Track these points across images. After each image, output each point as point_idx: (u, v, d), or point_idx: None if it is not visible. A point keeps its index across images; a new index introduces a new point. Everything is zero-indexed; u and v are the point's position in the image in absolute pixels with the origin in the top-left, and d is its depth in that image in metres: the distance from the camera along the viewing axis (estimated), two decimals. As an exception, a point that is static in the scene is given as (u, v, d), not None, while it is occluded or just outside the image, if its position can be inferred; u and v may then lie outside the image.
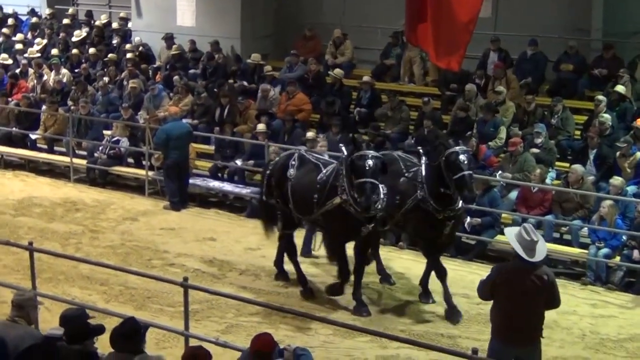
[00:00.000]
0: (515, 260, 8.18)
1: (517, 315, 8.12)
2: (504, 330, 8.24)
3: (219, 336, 10.10)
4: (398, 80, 18.92)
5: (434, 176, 11.08)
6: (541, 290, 8.12)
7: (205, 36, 20.30)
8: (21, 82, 20.54)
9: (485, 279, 8.40)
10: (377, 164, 10.61)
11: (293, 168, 11.76)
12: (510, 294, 8.13)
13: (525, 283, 8.07)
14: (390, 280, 12.41)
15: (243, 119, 17.46)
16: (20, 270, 12.31)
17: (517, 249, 8.09)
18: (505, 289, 8.17)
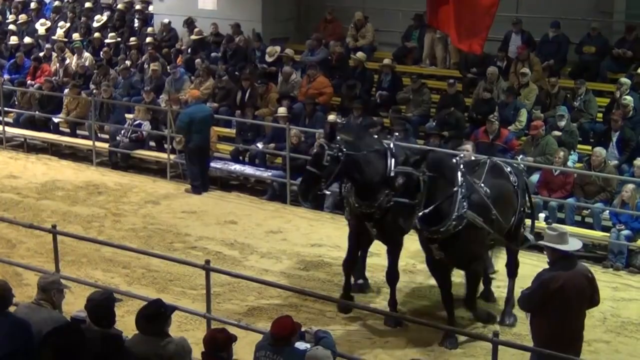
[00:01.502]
0: (558, 264, 7.83)
1: (569, 321, 7.85)
2: (554, 341, 7.74)
3: (240, 319, 10.18)
4: (419, 63, 18.87)
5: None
6: (588, 289, 7.91)
7: (227, 19, 20.30)
8: (44, 66, 20.64)
9: (531, 291, 7.92)
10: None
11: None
12: (566, 301, 7.76)
13: (580, 285, 7.80)
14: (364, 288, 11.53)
15: (264, 102, 17.48)
16: (44, 253, 12.43)
17: (552, 246, 7.80)
18: (560, 296, 7.73)
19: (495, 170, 10.33)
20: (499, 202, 9.90)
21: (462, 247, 9.67)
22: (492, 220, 9.76)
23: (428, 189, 9.23)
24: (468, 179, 9.69)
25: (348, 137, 10.23)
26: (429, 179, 9.21)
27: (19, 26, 23.26)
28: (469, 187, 9.64)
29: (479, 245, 9.96)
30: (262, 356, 7.07)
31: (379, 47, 19.74)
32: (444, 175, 9.45)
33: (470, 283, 10.26)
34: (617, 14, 17.76)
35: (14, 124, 19.38)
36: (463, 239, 9.59)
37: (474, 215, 9.53)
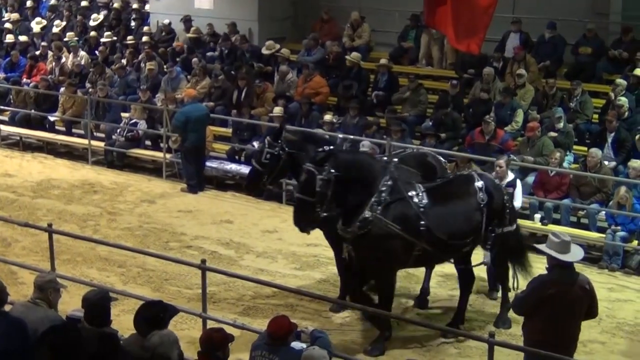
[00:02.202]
0: (555, 271, 7.76)
1: (561, 329, 7.74)
2: (545, 346, 7.60)
3: (236, 318, 10.18)
4: (416, 63, 18.86)
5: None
6: (585, 300, 7.80)
7: (223, 18, 20.29)
8: (40, 64, 20.61)
9: (525, 295, 7.91)
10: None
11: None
12: (556, 309, 7.66)
13: (572, 296, 7.69)
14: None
15: (260, 101, 17.47)
16: (39, 252, 12.43)
17: (551, 253, 7.71)
18: (551, 304, 7.66)
19: (459, 183, 10.11)
20: (443, 216, 9.69)
21: (368, 251, 9.60)
22: (420, 232, 9.53)
23: (334, 188, 9.27)
24: (399, 185, 9.58)
25: (292, 137, 10.59)
26: (335, 179, 9.25)
27: (13, 24, 23.20)
28: (395, 193, 9.54)
29: (390, 253, 9.63)
30: (258, 356, 7.07)
31: (375, 47, 19.73)
32: (356, 176, 9.49)
33: (379, 297, 9.97)
34: (613, 15, 17.77)
35: (10, 123, 19.36)
36: (370, 243, 9.50)
37: (386, 221, 9.42)
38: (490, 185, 10.11)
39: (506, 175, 11.49)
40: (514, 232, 10.46)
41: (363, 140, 14.23)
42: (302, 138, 10.81)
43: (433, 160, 10.75)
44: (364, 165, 9.73)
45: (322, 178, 9.25)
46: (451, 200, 9.86)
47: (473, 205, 9.87)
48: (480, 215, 9.86)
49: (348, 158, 9.80)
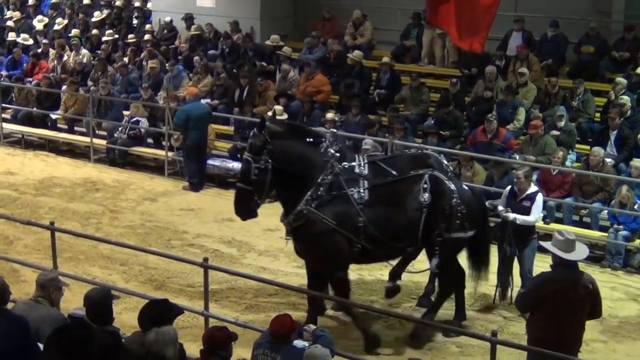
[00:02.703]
0: (558, 269, 7.79)
1: (562, 327, 7.73)
2: (547, 344, 7.65)
3: (238, 317, 10.18)
4: (418, 61, 18.85)
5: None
6: (587, 300, 7.77)
7: (225, 17, 20.28)
8: (42, 62, 20.60)
9: (527, 291, 7.96)
10: None
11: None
12: (557, 307, 7.68)
13: (574, 294, 7.69)
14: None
15: (262, 100, 17.46)
16: (41, 249, 12.44)
17: (555, 251, 7.74)
18: (551, 301, 7.69)
19: (408, 182, 9.83)
20: (382, 214, 9.60)
21: (306, 244, 9.75)
22: (358, 229, 9.50)
23: (271, 178, 9.43)
24: (340, 181, 9.54)
25: (277, 128, 9.95)
26: (272, 168, 9.40)
27: (16, 23, 23.20)
28: (334, 189, 9.53)
29: (328, 247, 9.59)
30: (261, 354, 7.07)
31: (377, 45, 19.69)
32: (294, 168, 9.54)
33: (335, 292, 10.00)
34: (615, 14, 17.76)
35: (12, 120, 19.35)
36: (305, 237, 9.64)
37: (320, 215, 9.43)
38: (438, 187, 9.72)
39: (527, 187, 11.01)
40: (474, 239, 10.04)
41: (365, 139, 14.24)
42: (288, 130, 10.15)
43: (434, 162, 10.45)
44: (303, 158, 9.66)
45: (257, 167, 9.40)
46: (394, 199, 9.70)
47: (414, 205, 9.65)
48: (420, 216, 9.63)
49: (286, 149, 9.64)
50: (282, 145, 9.63)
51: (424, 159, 10.45)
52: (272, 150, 9.45)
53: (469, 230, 9.89)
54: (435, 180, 9.77)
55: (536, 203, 10.97)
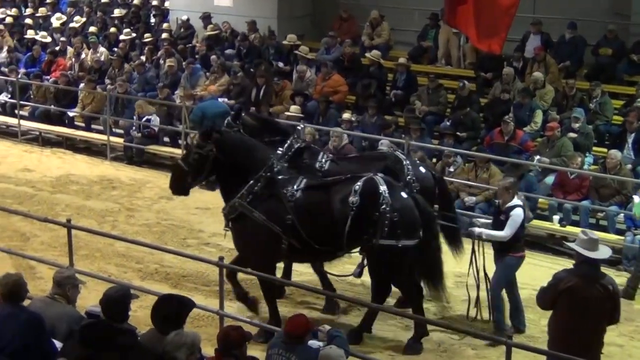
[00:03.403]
0: (580, 266, 7.75)
1: (579, 327, 7.68)
2: (563, 344, 7.67)
3: (253, 316, 10.18)
4: (435, 62, 18.82)
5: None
6: (605, 300, 7.69)
7: (243, 16, 20.32)
8: (59, 60, 20.68)
9: (546, 287, 7.88)
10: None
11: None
12: (573, 303, 7.63)
13: (591, 291, 7.62)
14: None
15: (279, 99, 17.48)
16: (58, 247, 12.49)
17: (577, 249, 7.71)
18: (568, 297, 7.65)
19: (344, 183, 9.67)
20: (310, 214, 9.57)
21: (236, 237, 9.97)
22: (286, 226, 9.54)
23: (210, 165, 9.71)
24: (276, 178, 9.69)
25: (251, 122, 10.76)
26: (213, 157, 9.63)
27: (36, 20, 23.31)
28: (270, 186, 9.68)
29: (256, 240, 9.74)
30: (275, 354, 7.06)
31: (394, 46, 19.70)
32: (236, 161, 9.73)
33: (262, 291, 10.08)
34: (634, 16, 17.66)
35: (29, 118, 19.44)
36: (238, 229, 9.87)
37: (250, 208, 9.61)
38: (369, 191, 9.41)
39: (507, 200, 10.12)
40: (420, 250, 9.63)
41: (382, 139, 14.25)
42: (261, 124, 10.89)
43: (394, 164, 10.45)
44: (247, 153, 9.84)
45: (198, 152, 9.70)
46: (325, 200, 9.60)
47: (341, 208, 9.45)
48: (345, 220, 9.40)
49: (232, 141, 9.92)
50: (230, 138, 9.99)
51: (382, 159, 10.58)
52: (219, 140, 9.70)
53: (404, 239, 9.38)
54: (369, 184, 9.48)
55: (511, 218, 9.97)
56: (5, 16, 23.72)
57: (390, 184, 9.54)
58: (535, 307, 10.62)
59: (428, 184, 10.58)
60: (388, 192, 9.35)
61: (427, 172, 10.81)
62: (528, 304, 11.11)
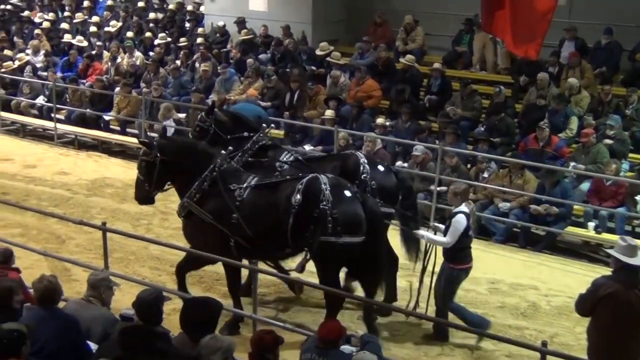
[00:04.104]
0: (619, 273, 7.67)
1: (619, 333, 7.61)
2: (604, 351, 7.63)
3: (286, 320, 10.19)
4: (469, 67, 18.75)
5: None
6: None
7: (277, 21, 20.40)
8: (95, 64, 20.88)
9: (585, 294, 7.80)
10: None
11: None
12: (613, 309, 7.55)
13: (630, 297, 7.55)
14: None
15: (313, 104, 17.50)
16: (92, 249, 12.58)
17: (617, 256, 7.63)
18: (608, 304, 7.57)
19: (290, 182, 9.76)
20: (255, 212, 9.69)
21: (187, 235, 10.34)
22: (232, 225, 9.72)
23: (160, 170, 10.05)
24: (223, 177, 9.88)
25: (223, 117, 11.27)
26: (160, 162, 9.98)
27: (74, 24, 23.53)
28: (216, 184, 9.86)
29: (204, 238, 10.02)
30: (308, 359, 7.08)
31: (428, 51, 19.67)
32: (182, 163, 10.03)
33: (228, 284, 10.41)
34: (671, 21, 17.51)
35: (66, 121, 19.63)
36: (188, 229, 10.26)
37: (197, 207, 9.90)
38: (312, 190, 9.48)
39: (456, 204, 9.97)
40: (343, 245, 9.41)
41: (416, 145, 14.22)
42: (231, 120, 11.30)
43: (353, 164, 10.61)
44: (191, 154, 10.12)
45: (144, 159, 10.13)
46: (271, 198, 9.69)
47: (284, 206, 9.52)
48: (288, 218, 9.46)
49: (174, 145, 10.27)
50: (172, 141, 10.53)
51: (340, 160, 10.83)
52: (162, 146, 10.07)
53: (344, 236, 9.37)
54: (312, 183, 9.55)
55: (452, 225, 9.77)
56: (43, 20, 23.99)
57: (334, 182, 9.59)
58: (570, 315, 10.64)
59: (387, 183, 10.59)
60: (330, 190, 9.42)
61: (386, 171, 10.78)
62: (562, 311, 11.08)
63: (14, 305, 7.18)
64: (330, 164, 10.65)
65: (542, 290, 11.68)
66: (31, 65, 21.35)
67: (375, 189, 10.35)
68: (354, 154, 11.03)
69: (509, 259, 13.09)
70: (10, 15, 25.80)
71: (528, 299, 11.37)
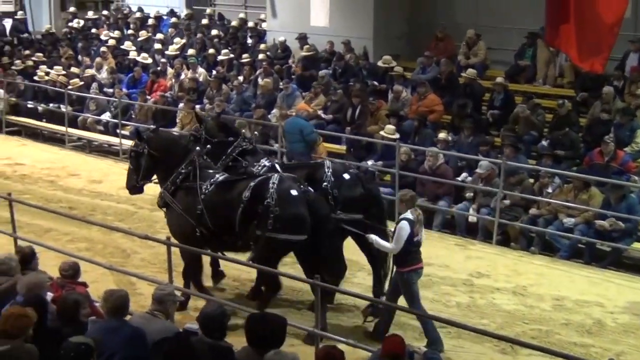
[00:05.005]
0: None
1: None
2: None
3: (348, 335, 10.17)
4: (532, 81, 18.56)
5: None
6: None
7: (338, 36, 20.47)
8: (160, 81, 21.17)
9: None
10: None
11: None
12: None
13: None
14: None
15: (374, 119, 17.51)
16: (157, 263, 12.73)
17: None
18: None
19: (247, 179, 10.59)
20: (215, 206, 10.50)
21: (167, 221, 11.20)
22: (197, 215, 10.54)
23: (147, 162, 11.07)
24: (196, 172, 10.69)
25: (212, 124, 12.04)
26: (147, 154, 11.00)
27: (138, 42, 23.92)
28: (189, 178, 10.75)
29: (178, 228, 10.91)
30: (372, 374, 7.07)
31: (491, 65, 19.53)
32: (164, 156, 11.02)
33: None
34: None
35: (131, 137, 19.87)
36: (167, 217, 11.19)
37: (170, 198, 10.88)
38: (260, 188, 10.24)
39: (402, 211, 10.22)
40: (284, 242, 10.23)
41: (480, 160, 14.14)
42: (218, 125, 12.07)
43: (315, 171, 11.22)
44: (171, 149, 11.13)
45: (134, 150, 11.27)
46: (229, 194, 10.49)
47: (236, 202, 10.31)
48: (236, 212, 10.26)
49: (160, 138, 11.29)
50: (159, 137, 11.39)
51: (309, 167, 11.52)
52: (150, 138, 11.15)
53: (286, 233, 10.11)
54: (262, 181, 10.35)
55: (396, 231, 10.00)
56: (108, 38, 24.43)
57: (282, 182, 10.27)
58: (636, 333, 10.48)
59: (351, 193, 10.95)
60: (276, 189, 10.14)
61: (351, 180, 11.12)
62: (628, 329, 10.90)
63: (81, 319, 7.30)
64: (300, 172, 11.22)
65: (607, 307, 11.50)
66: (97, 82, 21.75)
67: (337, 197, 10.82)
68: (323, 162, 11.70)
69: (574, 275, 12.92)
70: (76, 34, 26.35)
71: (593, 316, 11.21)
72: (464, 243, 14.36)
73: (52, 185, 17.18)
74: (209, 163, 11.13)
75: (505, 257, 13.71)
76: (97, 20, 27.64)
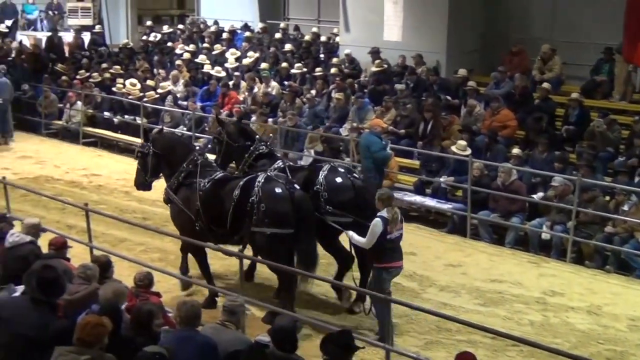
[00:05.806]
0: None
1: None
2: None
3: (418, 352, 10.13)
4: (609, 97, 18.25)
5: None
6: None
7: (411, 50, 20.44)
8: (232, 93, 21.35)
9: None
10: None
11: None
12: None
13: None
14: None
15: (447, 134, 17.41)
16: (228, 275, 12.83)
17: None
18: None
19: (238, 179, 11.44)
20: (210, 202, 11.33)
21: (171, 215, 12.09)
22: (196, 211, 11.41)
23: (152, 161, 11.98)
24: (197, 171, 11.60)
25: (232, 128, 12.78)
26: (153, 154, 11.94)
27: (213, 56, 24.21)
28: (190, 176, 11.63)
29: (180, 222, 11.90)
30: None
31: (566, 80, 19.26)
32: (168, 156, 11.94)
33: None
34: None
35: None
36: (170, 212, 12.07)
37: (172, 194, 11.76)
38: (248, 185, 11.00)
39: (379, 209, 10.53)
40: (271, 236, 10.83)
41: (554, 176, 13.95)
42: (237, 129, 12.73)
43: (311, 174, 11.85)
44: (175, 149, 12.00)
45: (139, 150, 12.28)
46: (223, 192, 11.27)
47: (228, 199, 11.10)
48: (229, 209, 11.04)
49: (164, 139, 12.25)
50: (163, 137, 12.35)
51: (310, 170, 12.08)
52: (155, 139, 12.08)
53: (273, 227, 10.80)
54: (251, 180, 11.10)
55: (370, 227, 10.43)
56: (184, 52, 24.78)
57: (268, 180, 11.01)
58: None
59: (341, 197, 11.52)
60: (261, 186, 10.90)
61: (343, 184, 11.66)
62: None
63: (154, 329, 7.40)
64: (301, 174, 11.98)
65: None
66: (172, 95, 22.06)
67: (327, 199, 11.43)
68: (321, 165, 12.22)
69: (651, 295, 12.67)
70: (153, 47, 26.81)
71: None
72: (537, 260, 14.17)
73: (127, 196, 17.45)
74: (209, 162, 12.10)
75: (580, 275, 13.50)
76: (173, 34, 28.09)
